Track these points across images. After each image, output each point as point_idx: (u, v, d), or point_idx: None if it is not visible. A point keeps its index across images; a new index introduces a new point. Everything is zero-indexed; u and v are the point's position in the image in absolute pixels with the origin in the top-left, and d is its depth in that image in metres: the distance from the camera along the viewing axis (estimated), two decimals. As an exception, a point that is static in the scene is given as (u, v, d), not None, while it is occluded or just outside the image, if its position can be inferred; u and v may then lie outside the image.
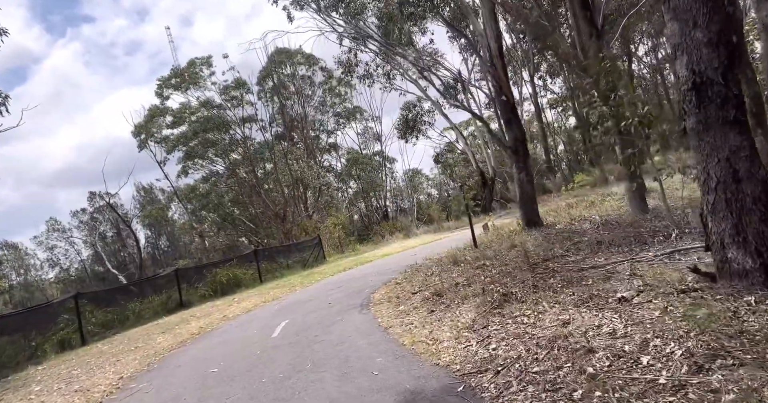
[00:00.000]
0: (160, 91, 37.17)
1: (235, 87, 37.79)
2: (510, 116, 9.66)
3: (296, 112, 44.01)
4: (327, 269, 16.29)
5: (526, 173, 9.69)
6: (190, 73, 36.53)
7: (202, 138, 36.14)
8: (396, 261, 13.06)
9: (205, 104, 36.79)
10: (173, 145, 36.32)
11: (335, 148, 49.76)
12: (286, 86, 42.82)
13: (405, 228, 37.26)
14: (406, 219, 42.83)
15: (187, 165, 37.88)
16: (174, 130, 37.11)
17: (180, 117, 36.75)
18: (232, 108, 38.42)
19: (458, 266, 8.20)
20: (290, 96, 43.10)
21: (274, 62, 41.04)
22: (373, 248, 21.77)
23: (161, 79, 37.08)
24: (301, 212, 35.05)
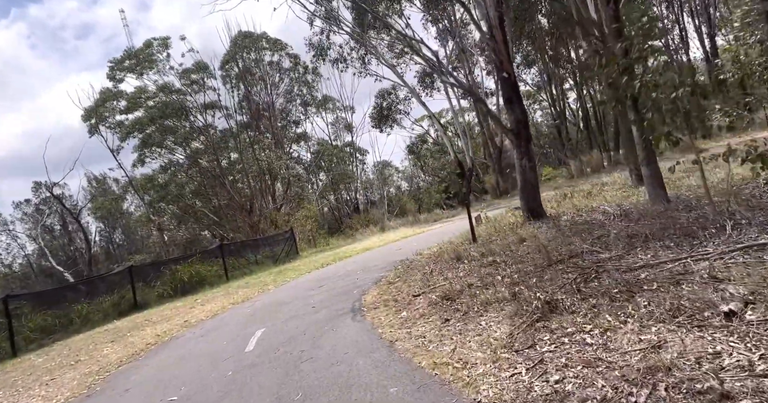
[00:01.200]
0: (112, 74, 34.27)
1: (196, 70, 35.32)
2: (511, 95, 8.69)
3: (263, 100, 42.05)
4: (302, 266, 15.00)
5: (528, 159, 8.77)
6: (146, 55, 33.83)
7: (160, 125, 33.67)
8: (380, 256, 11.95)
9: (163, 89, 34.21)
10: (128, 132, 33.66)
11: (305, 139, 48.10)
12: (251, 72, 40.75)
13: (378, 221, 36.25)
14: (379, 212, 41.86)
15: (144, 153, 35.29)
16: (129, 115, 34.39)
17: (135, 102, 34.04)
18: (193, 93, 35.94)
19: (462, 263, 7.16)
20: (256, 82, 41.08)
21: (238, 46, 38.89)
22: (350, 242, 20.57)
23: (114, 60, 34.17)
24: (268, 204, 33.36)
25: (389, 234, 19.10)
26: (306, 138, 48.02)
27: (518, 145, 8.77)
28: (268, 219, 25.46)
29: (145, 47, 34.10)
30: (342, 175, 43.17)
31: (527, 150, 8.75)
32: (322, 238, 26.40)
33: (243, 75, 38.87)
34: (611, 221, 7.17)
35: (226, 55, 38.78)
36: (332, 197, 46.10)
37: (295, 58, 41.98)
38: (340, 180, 44.33)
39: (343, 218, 45.38)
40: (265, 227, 26.67)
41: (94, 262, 44.47)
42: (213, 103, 36.59)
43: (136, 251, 45.64)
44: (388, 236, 17.97)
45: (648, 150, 7.19)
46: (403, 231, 19.02)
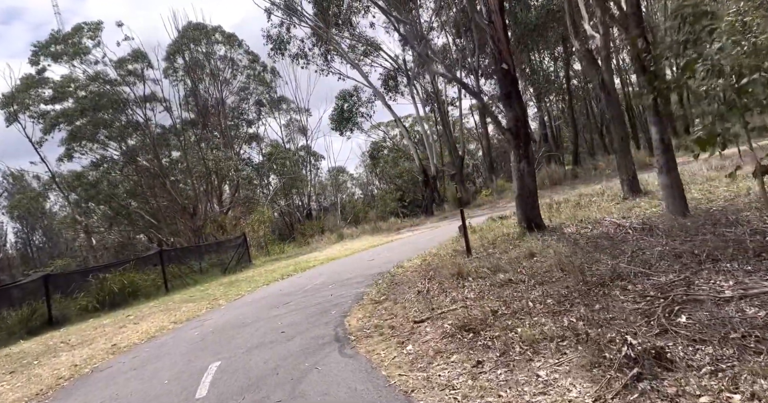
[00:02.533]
0: (35, 59, 30.38)
1: (133, 59, 32.18)
2: (510, 89, 7.76)
3: (212, 97, 39.52)
4: (257, 276, 13.30)
5: (527, 162, 7.85)
6: (75, 41, 30.35)
7: (92, 117, 30.25)
8: (351, 268, 10.60)
9: (95, 78, 30.81)
10: (54, 123, 29.94)
11: (257, 140, 45.84)
12: (200, 65, 38.15)
13: (333, 229, 34.74)
14: (334, 219, 40.38)
15: (73, 147, 31.64)
16: (55, 106, 30.68)
17: (62, 91, 30.40)
18: (130, 85, 32.70)
19: (466, 280, 6.01)
20: (206, 77, 38.55)
21: (186, 38, 36.22)
22: (308, 251, 18.97)
23: (38, 44, 30.25)
24: (214, 207, 30.91)
25: (353, 243, 17.75)
26: (258, 139, 45.83)
27: (516, 146, 7.85)
28: (216, 223, 23.26)
29: (74, 32, 30.60)
30: (295, 179, 41.42)
31: (526, 152, 7.85)
32: (275, 245, 24.55)
33: (190, 68, 36.23)
34: (631, 235, 6.33)
35: (172, 46, 35.96)
36: (283, 202, 44.15)
37: (252, 55, 40.03)
38: (292, 185, 42.55)
39: (295, 224, 43.46)
40: (211, 232, 24.42)
41: (8, 267, 39.48)
42: (153, 97, 33.52)
43: (60, 254, 41.04)
44: (352, 245, 16.61)
45: (668, 155, 6.45)
46: (367, 240, 17.74)
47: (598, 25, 9.21)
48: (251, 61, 40.45)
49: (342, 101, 29.19)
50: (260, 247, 23.67)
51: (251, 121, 44.15)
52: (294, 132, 46.27)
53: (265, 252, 21.34)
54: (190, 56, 36.45)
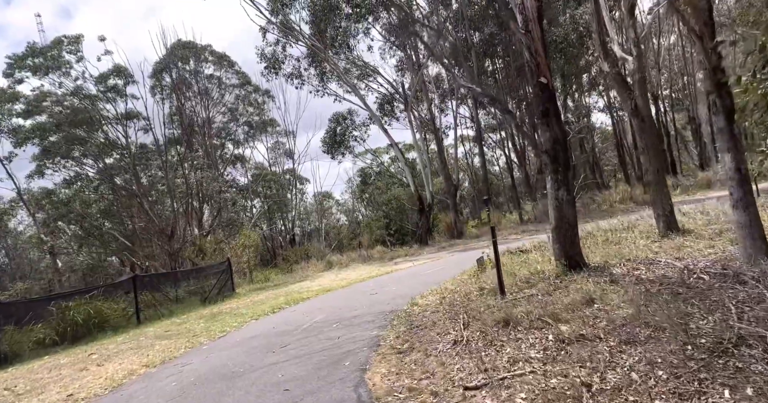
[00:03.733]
0: (10, 72, 29.01)
1: (115, 74, 31.05)
2: (548, 106, 6.92)
3: (199, 116, 38.56)
4: (243, 308, 11.87)
5: (566, 190, 6.92)
6: (53, 55, 29.11)
7: (67, 132, 28.73)
8: (352, 303, 9.37)
9: (74, 93, 29.50)
10: (26, 138, 28.28)
11: (242, 161, 44.77)
12: (188, 84, 37.34)
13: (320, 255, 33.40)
14: (319, 245, 39.04)
15: (44, 164, 29.95)
16: (27, 120, 29.12)
17: (36, 106, 28.92)
18: (111, 101, 31.44)
19: (516, 331, 4.91)
20: (192, 97, 37.70)
21: (175, 56, 35.48)
22: (296, 279, 17.58)
23: (13, 57, 28.97)
24: (194, 229, 29.27)
25: (346, 272, 16.48)
26: (243, 160, 44.82)
27: (554, 170, 6.95)
28: (196, 247, 21.70)
29: (53, 45, 29.43)
30: (280, 203, 40.19)
31: (566, 178, 6.93)
32: (260, 272, 23.02)
33: (177, 86, 35.28)
34: (708, 282, 5.36)
35: (159, 64, 35.10)
36: (265, 227, 42.75)
37: (242, 76, 39.56)
38: (277, 209, 41.29)
39: (277, 250, 41.96)
40: (189, 256, 22.79)
41: (-38, 289, 36.52)
42: (135, 114, 32.25)
43: (23, 277, 38.25)
44: (346, 275, 15.34)
45: (745, 187, 5.59)
46: (361, 269, 16.51)
47: (631, 47, 8.62)
48: (241, 82, 39.97)
49: (335, 124, 28.45)
50: (243, 273, 22.12)
51: (238, 142, 43.25)
52: (280, 155, 45.45)
53: (249, 279, 19.82)
54: (177, 74, 35.65)
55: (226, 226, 34.53)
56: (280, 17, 18.62)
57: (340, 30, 21.29)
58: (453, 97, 29.87)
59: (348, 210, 53.16)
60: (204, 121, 38.94)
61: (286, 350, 6.51)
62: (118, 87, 31.56)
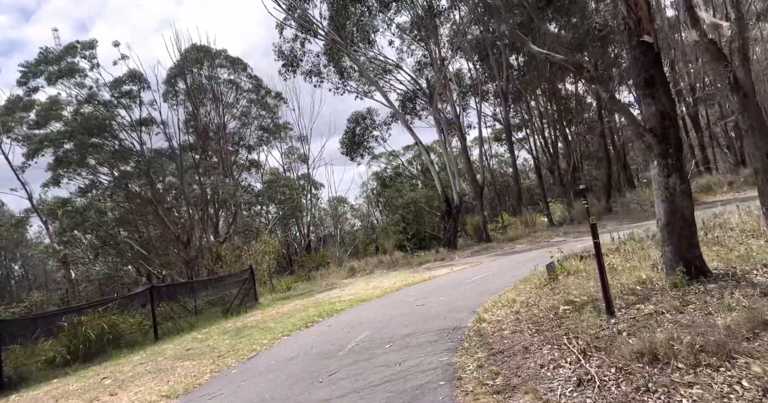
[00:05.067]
0: (24, 80, 28.44)
1: (130, 80, 30.41)
2: (653, 73, 5.63)
3: (213, 121, 37.97)
4: (270, 321, 10.70)
5: (680, 176, 5.56)
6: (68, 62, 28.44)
7: (80, 141, 28.06)
8: (398, 316, 8.13)
9: (89, 100, 28.87)
10: (38, 147, 27.65)
11: (256, 166, 44.12)
12: (203, 89, 36.82)
13: (338, 261, 32.42)
14: (338, 251, 38.01)
15: (59, 173, 29.36)
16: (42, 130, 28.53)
17: (49, 114, 28.31)
18: (126, 107, 30.82)
19: (676, 370, 3.62)
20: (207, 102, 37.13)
21: (189, 60, 34.94)
22: (322, 287, 16.40)
23: (26, 64, 28.40)
24: (209, 236, 28.41)
25: (376, 279, 15.25)
26: (258, 166, 44.17)
27: (663, 153, 5.60)
28: (214, 254, 20.71)
29: (66, 51, 28.81)
30: (294, 208, 39.33)
31: (678, 162, 5.61)
32: (279, 280, 21.91)
33: (191, 91, 34.68)
34: None
35: (174, 69, 34.51)
36: (279, 233, 41.95)
37: (256, 80, 38.95)
38: (292, 214, 40.44)
39: (293, 256, 41.11)
40: (207, 264, 21.82)
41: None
42: (150, 120, 31.65)
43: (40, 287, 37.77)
44: (379, 282, 14.11)
45: None
46: (390, 276, 15.29)
47: (728, 9, 7.34)
48: (255, 86, 39.38)
49: (354, 124, 27.38)
50: (263, 282, 21.05)
51: (252, 147, 42.65)
52: (294, 160, 44.76)
53: (270, 288, 18.71)
54: (192, 79, 35.10)
55: (242, 232, 33.72)
56: (298, 11, 17.63)
57: (361, 23, 20.24)
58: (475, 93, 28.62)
59: (363, 215, 52.25)
60: (218, 126, 38.35)
61: (336, 381, 5.30)
62: (133, 93, 30.94)
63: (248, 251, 21.59)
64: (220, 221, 33.01)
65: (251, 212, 37.64)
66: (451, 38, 24.47)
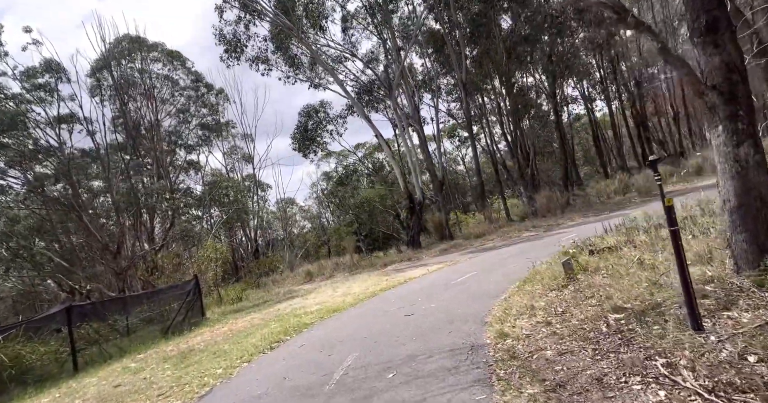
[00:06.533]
0: None
1: (45, 71, 26.84)
2: (717, 15, 4.53)
3: (145, 119, 34.72)
4: (221, 341, 8.83)
5: (753, 145, 4.44)
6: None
7: (-16, 139, 24.17)
8: (384, 330, 6.67)
9: (-6, 93, 24.95)
10: None
11: (196, 167, 41.13)
12: (133, 83, 33.56)
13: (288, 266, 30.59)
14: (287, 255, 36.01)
15: (-40, 180, 25.21)
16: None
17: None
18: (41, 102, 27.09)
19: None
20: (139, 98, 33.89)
21: (118, 52, 31.66)
22: (282, 296, 14.53)
23: None
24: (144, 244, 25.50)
25: (344, 284, 13.64)
26: (198, 167, 41.21)
27: (731, 115, 4.45)
28: (150, 263, 18.19)
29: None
30: (240, 211, 36.88)
31: (750, 126, 4.52)
32: (226, 289, 19.71)
33: (119, 85, 31.33)
34: None
35: (100, 61, 31.06)
36: (224, 237, 39.31)
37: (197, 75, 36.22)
38: (237, 218, 37.94)
39: (238, 262, 38.67)
40: (142, 275, 19.19)
41: None
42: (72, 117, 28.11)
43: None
44: (348, 288, 12.52)
45: None
46: (360, 280, 13.76)
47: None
48: (194, 81, 36.60)
49: (306, 118, 25.51)
50: (208, 292, 18.81)
51: (191, 147, 39.68)
52: (238, 160, 42.27)
53: (218, 300, 16.56)
54: (121, 72, 31.77)
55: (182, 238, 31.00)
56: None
57: (311, 7, 18.56)
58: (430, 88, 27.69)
59: (313, 216, 50.49)
60: (152, 124, 35.11)
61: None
62: (50, 86, 27.22)
63: (190, 258, 19.22)
64: (156, 227, 30.15)
65: (191, 216, 34.76)
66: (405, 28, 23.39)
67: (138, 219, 26.18)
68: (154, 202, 27.42)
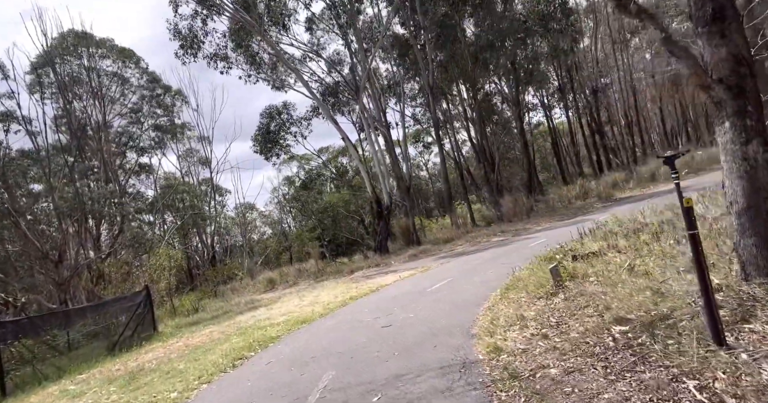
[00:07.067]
0: None
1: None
2: (723, 3, 4.34)
3: (93, 118, 32.65)
4: (176, 358, 7.96)
5: (762, 143, 4.18)
6: None
7: None
8: (360, 344, 6.12)
9: None
10: None
11: (148, 171, 39.10)
12: (80, 81, 31.56)
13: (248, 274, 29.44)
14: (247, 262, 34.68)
15: None
16: None
17: None
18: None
19: None
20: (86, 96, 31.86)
21: (64, 48, 29.71)
22: (244, 307, 13.59)
23: None
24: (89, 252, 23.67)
25: (311, 293, 12.89)
26: (150, 170, 39.20)
27: (738, 111, 4.22)
28: (95, 272, 16.74)
29: None
30: (196, 217, 35.31)
31: (759, 122, 4.32)
32: (180, 298, 18.46)
33: (64, 83, 29.34)
34: None
35: (42, 56, 29.02)
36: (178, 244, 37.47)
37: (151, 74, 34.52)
38: (193, 223, 36.30)
39: (194, 270, 36.96)
40: (87, 285, 17.65)
41: None
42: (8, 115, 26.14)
43: None
44: (316, 297, 11.80)
45: None
46: (327, 288, 13.08)
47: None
48: (150, 81, 34.89)
49: (268, 119, 24.54)
50: (161, 302, 17.53)
51: (144, 149, 37.66)
52: (194, 164, 40.63)
53: (172, 311, 15.38)
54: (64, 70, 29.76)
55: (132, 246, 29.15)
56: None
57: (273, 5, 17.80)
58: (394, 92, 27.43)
59: (274, 222, 49.19)
60: (99, 125, 33.04)
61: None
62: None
63: (141, 266, 17.87)
64: (103, 234, 28.23)
65: (142, 221, 32.91)
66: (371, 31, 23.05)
67: (83, 225, 24.35)
68: (102, 207, 25.63)
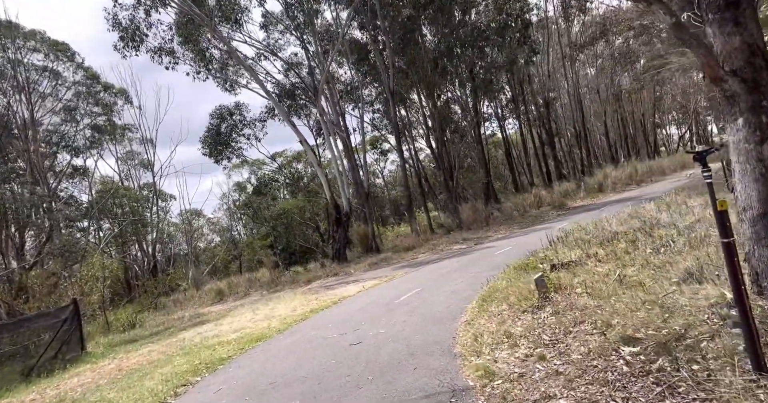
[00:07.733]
0: None
1: None
2: None
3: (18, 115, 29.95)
4: (105, 384, 6.80)
5: None
6: None
7: None
8: (325, 365, 5.39)
9: None
10: None
11: (83, 173, 36.25)
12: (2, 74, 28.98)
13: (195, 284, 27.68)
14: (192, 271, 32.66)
15: None
16: None
17: None
18: None
19: None
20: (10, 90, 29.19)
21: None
22: (186, 321, 12.31)
23: None
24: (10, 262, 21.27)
25: (265, 305, 11.82)
26: (85, 173, 36.37)
27: (753, 106, 3.91)
28: (15, 285, 14.81)
29: None
30: (136, 223, 33.06)
31: None
32: (115, 312, 16.72)
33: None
34: None
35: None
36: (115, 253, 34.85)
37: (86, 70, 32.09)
38: (133, 231, 33.99)
39: (132, 281, 34.48)
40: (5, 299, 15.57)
41: None
42: None
43: None
44: (272, 310, 10.79)
45: None
46: (284, 301, 12.08)
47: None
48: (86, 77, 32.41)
49: (218, 120, 23.12)
50: (92, 316, 15.77)
51: (78, 150, 34.84)
52: (134, 167, 38.23)
53: (105, 327, 13.77)
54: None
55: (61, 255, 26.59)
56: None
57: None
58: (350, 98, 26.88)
59: (223, 229, 47.03)
60: (26, 122, 30.37)
61: None
62: None
63: (70, 278, 16.04)
64: (28, 242, 25.62)
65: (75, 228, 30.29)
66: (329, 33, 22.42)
67: (4, 232, 21.87)
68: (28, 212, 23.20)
